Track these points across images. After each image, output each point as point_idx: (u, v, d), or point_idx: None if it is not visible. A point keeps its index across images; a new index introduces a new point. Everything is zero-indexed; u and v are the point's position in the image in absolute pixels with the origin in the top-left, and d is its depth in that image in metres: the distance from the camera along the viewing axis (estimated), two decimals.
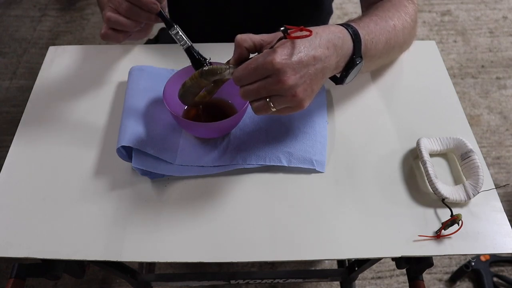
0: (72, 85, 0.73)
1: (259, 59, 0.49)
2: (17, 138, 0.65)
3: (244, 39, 0.53)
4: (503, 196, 1.39)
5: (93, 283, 1.24)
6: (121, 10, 0.57)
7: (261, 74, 0.49)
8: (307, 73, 0.50)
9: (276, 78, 0.48)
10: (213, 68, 0.53)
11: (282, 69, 0.48)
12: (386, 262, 1.27)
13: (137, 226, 0.56)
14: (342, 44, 0.54)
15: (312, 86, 0.51)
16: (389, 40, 0.63)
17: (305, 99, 0.51)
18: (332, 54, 0.53)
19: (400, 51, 0.72)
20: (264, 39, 0.54)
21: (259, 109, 0.51)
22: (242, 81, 0.50)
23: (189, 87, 0.56)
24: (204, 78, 0.54)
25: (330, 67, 0.53)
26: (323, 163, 0.61)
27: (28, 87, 1.70)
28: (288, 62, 0.48)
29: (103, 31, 0.58)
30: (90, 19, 1.99)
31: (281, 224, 0.56)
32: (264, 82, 0.49)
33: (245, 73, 0.50)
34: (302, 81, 0.50)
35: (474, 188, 0.57)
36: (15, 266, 0.61)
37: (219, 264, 1.19)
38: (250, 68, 0.49)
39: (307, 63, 0.50)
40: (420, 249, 0.54)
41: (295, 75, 0.49)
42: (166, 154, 0.61)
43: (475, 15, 1.97)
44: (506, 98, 1.67)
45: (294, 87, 0.49)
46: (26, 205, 0.58)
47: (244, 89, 0.51)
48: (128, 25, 0.58)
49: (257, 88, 0.50)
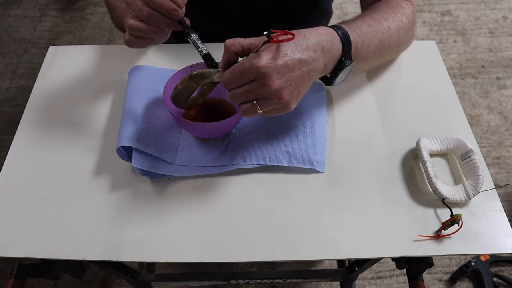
0: (72, 85, 0.73)
1: (245, 63, 0.50)
2: (17, 138, 0.65)
3: (232, 43, 0.54)
4: (503, 196, 1.39)
5: (93, 283, 1.24)
6: (142, 16, 0.56)
7: (247, 78, 0.50)
8: (293, 76, 0.51)
9: (262, 82, 0.49)
10: (202, 72, 0.54)
11: (267, 73, 0.49)
12: (386, 262, 1.27)
13: (137, 226, 0.56)
14: (331, 47, 0.55)
15: (298, 88, 0.52)
16: (382, 42, 0.63)
17: (291, 101, 0.51)
18: (319, 57, 0.53)
19: (397, 52, 0.72)
20: (252, 42, 0.54)
21: (246, 112, 0.52)
22: (230, 85, 0.51)
23: (180, 91, 0.57)
24: (194, 82, 0.55)
25: (317, 69, 0.53)
26: (323, 163, 0.61)
27: (28, 87, 1.70)
28: (273, 66, 0.49)
29: (126, 37, 0.58)
30: (90, 19, 1.99)
31: (281, 224, 0.56)
32: (250, 85, 0.50)
33: (231, 77, 0.51)
34: (287, 84, 0.50)
35: (474, 188, 0.57)
36: (15, 266, 0.61)
37: (219, 264, 1.19)
38: (236, 72, 0.50)
39: (292, 66, 0.50)
40: (420, 249, 0.54)
41: (280, 78, 0.49)
42: (166, 154, 0.61)
43: (475, 15, 1.97)
44: (506, 98, 1.67)
45: (279, 90, 0.50)
46: (26, 205, 0.58)
47: (231, 92, 0.52)
48: (149, 32, 0.58)
49: (244, 92, 0.50)
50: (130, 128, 0.61)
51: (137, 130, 0.61)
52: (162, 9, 0.56)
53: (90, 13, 2.01)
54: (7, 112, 1.65)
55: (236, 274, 0.97)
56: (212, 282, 1.00)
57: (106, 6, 0.81)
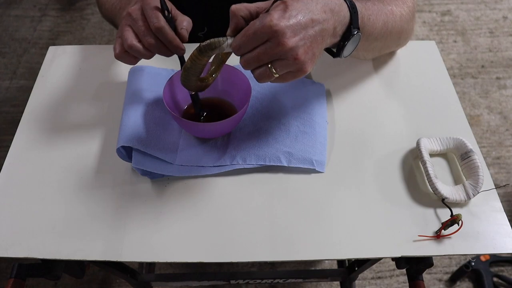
0: (72, 85, 0.73)
1: (256, 23, 0.48)
2: (17, 138, 0.65)
3: (239, 7, 0.52)
4: (503, 196, 1.39)
5: (93, 283, 1.24)
6: (145, 41, 0.56)
7: (260, 38, 0.48)
8: (307, 35, 0.49)
9: (276, 41, 0.47)
10: (211, 42, 0.51)
11: (281, 31, 0.47)
12: (386, 262, 1.27)
13: (137, 226, 0.56)
14: (339, 10, 0.53)
15: (313, 49, 0.50)
16: (386, 23, 0.63)
17: (307, 62, 0.49)
18: (329, 18, 0.51)
19: (398, 40, 0.71)
20: (259, 5, 0.53)
21: (261, 77, 0.50)
22: (242, 49, 0.49)
23: (190, 68, 0.54)
24: (204, 55, 0.51)
25: (328, 30, 0.52)
26: (323, 163, 0.61)
27: (28, 87, 1.70)
28: (287, 24, 0.47)
29: (117, 52, 0.57)
30: (90, 19, 1.99)
31: (281, 224, 0.56)
32: (264, 47, 0.48)
33: (243, 40, 0.48)
34: (302, 43, 0.48)
35: (474, 188, 0.57)
36: (15, 266, 0.61)
37: (219, 264, 1.19)
38: (248, 34, 0.48)
39: (305, 24, 0.49)
40: (420, 249, 0.54)
41: (294, 36, 0.48)
42: (166, 154, 0.61)
43: (475, 15, 1.97)
44: (506, 98, 1.67)
45: (295, 48, 0.48)
46: (26, 205, 0.58)
47: (244, 57, 0.50)
48: (147, 56, 0.57)
49: (258, 55, 0.48)
50: (130, 128, 0.61)
51: (137, 130, 0.61)
52: (169, 45, 0.56)
53: (90, 13, 2.01)
54: (7, 112, 1.65)
55: (236, 274, 0.97)
56: (212, 282, 1.00)
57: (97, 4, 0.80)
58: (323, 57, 0.74)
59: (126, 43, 0.56)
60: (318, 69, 0.74)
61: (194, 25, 0.61)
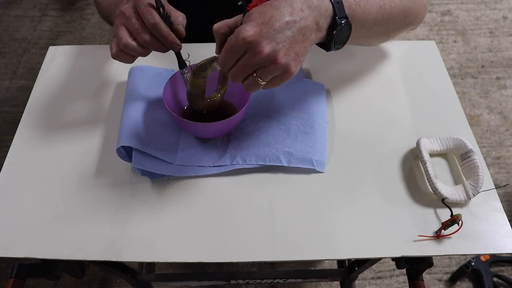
0: (72, 85, 0.73)
1: (232, 39, 0.49)
2: (17, 138, 0.65)
3: (219, 26, 0.54)
4: (503, 196, 1.39)
5: (93, 283, 1.24)
6: (139, 38, 0.56)
7: (238, 52, 0.49)
8: (283, 37, 0.49)
9: (253, 51, 0.48)
10: (201, 64, 0.54)
11: (255, 41, 0.48)
12: (386, 262, 1.27)
13: (137, 226, 0.56)
14: (319, 4, 0.52)
15: (294, 49, 0.50)
16: (383, 6, 0.60)
17: (289, 63, 0.50)
18: (308, 15, 0.51)
19: (405, 20, 0.67)
20: (237, 19, 0.54)
21: (249, 87, 0.51)
22: (227, 65, 0.51)
23: (191, 91, 0.57)
24: (199, 77, 0.55)
25: (309, 27, 0.51)
26: (323, 163, 0.61)
27: (28, 87, 1.70)
28: (259, 32, 0.48)
29: (114, 51, 0.57)
30: (90, 19, 1.99)
31: (281, 224, 0.56)
32: (244, 59, 0.49)
33: (225, 56, 0.50)
34: (280, 46, 0.49)
35: (474, 188, 0.57)
36: (15, 266, 0.61)
37: (219, 264, 1.19)
38: (227, 50, 0.49)
39: (280, 28, 0.49)
40: (420, 249, 0.54)
41: (270, 42, 0.48)
42: (166, 154, 0.61)
43: (475, 15, 1.97)
44: (506, 98, 1.67)
45: (273, 54, 0.48)
46: (26, 205, 0.58)
47: (230, 72, 0.51)
48: (143, 53, 0.58)
49: (240, 67, 0.50)
50: (130, 128, 0.61)
51: (137, 130, 0.61)
52: (165, 41, 0.57)
53: (90, 13, 2.01)
54: (7, 112, 1.65)
55: (236, 274, 0.97)
56: (212, 282, 1.00)
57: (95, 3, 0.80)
58: (323, 57, 0.74)
59: (121, 42, 0.56)
60: (318, 69, 0.74)
61: (194, 23, 0.62)
